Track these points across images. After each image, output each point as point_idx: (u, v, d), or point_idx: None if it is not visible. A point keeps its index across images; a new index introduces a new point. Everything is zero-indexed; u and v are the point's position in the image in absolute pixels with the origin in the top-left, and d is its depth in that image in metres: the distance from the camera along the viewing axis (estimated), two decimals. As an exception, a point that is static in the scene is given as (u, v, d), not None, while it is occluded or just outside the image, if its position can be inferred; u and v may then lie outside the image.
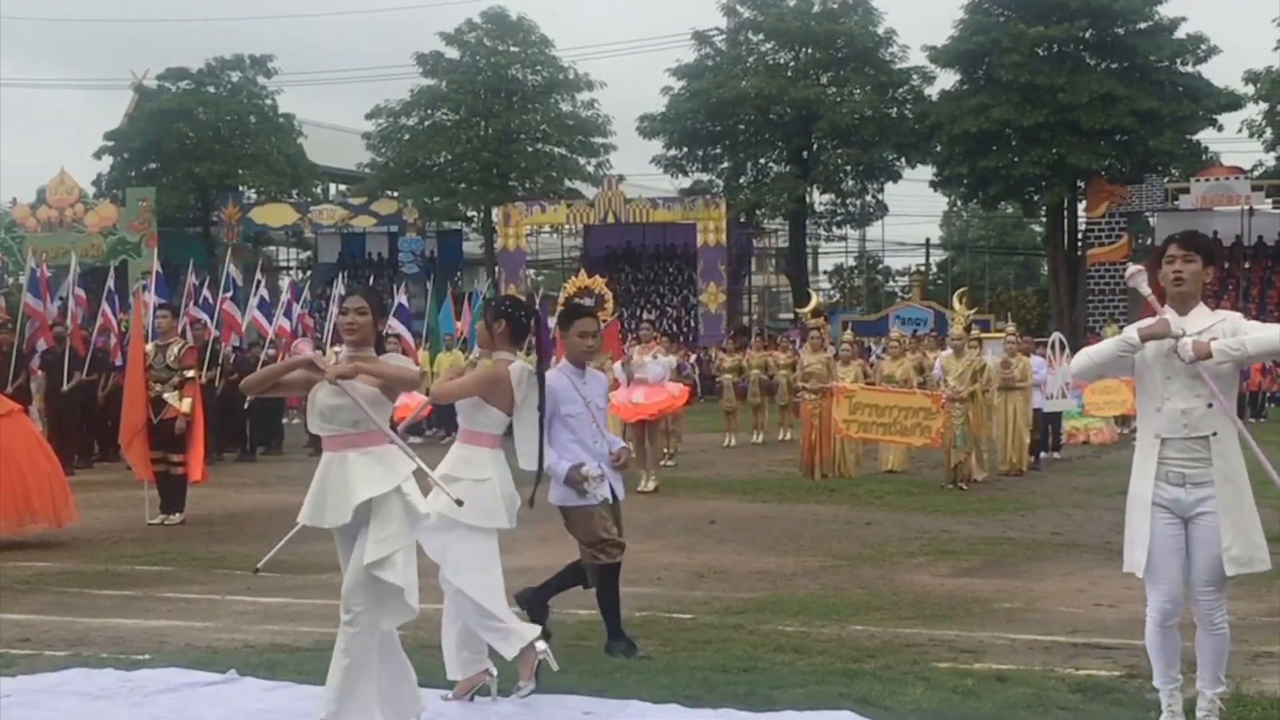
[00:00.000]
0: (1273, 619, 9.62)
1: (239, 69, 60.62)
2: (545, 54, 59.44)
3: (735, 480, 20.13)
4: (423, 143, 58.39)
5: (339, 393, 6.54)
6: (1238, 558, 6.49)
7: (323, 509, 6.60)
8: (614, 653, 8.43)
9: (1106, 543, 12.92)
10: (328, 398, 6.58)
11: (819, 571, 12.01)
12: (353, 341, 6.78)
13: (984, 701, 7.30)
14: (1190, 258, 6.55)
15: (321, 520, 6.61)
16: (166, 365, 15.73)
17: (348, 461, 6.55)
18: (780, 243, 68.36)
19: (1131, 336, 6.51)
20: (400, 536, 6.50)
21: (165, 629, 9.68)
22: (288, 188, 60.27)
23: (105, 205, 55.76)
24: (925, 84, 57.25)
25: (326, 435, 6.64)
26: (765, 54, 58.27)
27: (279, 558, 12.67)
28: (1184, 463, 6.47)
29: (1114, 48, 53.00)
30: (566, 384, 8.36)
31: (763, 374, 28.53)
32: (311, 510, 6.66)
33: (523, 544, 13.93)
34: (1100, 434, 26.98)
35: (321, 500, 6.61)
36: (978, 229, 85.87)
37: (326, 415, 6.59)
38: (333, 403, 6.56)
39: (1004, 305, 58.23)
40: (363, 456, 6.56)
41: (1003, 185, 53.90)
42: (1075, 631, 9.29)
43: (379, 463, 6.56)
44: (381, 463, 6.56)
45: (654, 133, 58.24)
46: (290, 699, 7.53)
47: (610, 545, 8.48)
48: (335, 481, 6.56)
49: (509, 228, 55.50)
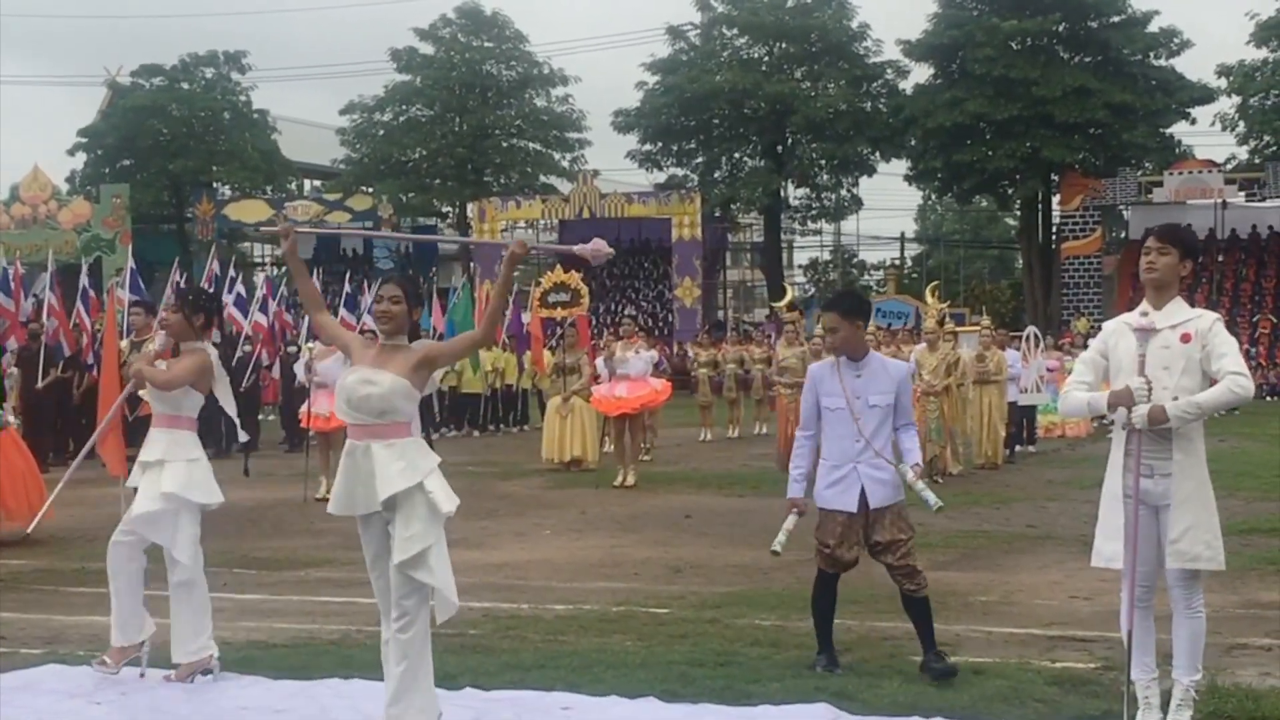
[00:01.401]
0: (1247, 611, 9.68)
1: (213, 65, 60.40)
2: (520, 49, 59.39)
3: (711, 474, 20.13)
4: (397, 138, 58.30)
5: (368, 381, 6.54)
6: (1183, 552, 6.51)
7: (352, 498, 6.59)
8: (815, 667, 8.00)
9: (1081, 535, 12.91)
10: (357, 385, 6.55)
11: (795, 565, 12.00)
12: (387, 330, 6.77)
13: (960, 694, 7.32)
14: (1165, 250, 6.59)
15: (352, 509, 6.61)
16: (141, 362, 15.67)
17: (372, 452, 6.52)
18: (755, 237, 68.41)
19: (1099, 404, 6.67)
20: (427, 534, 6.45)
21: (141, 626, 9.64)
22: (262, 184, 60.08)
23: (79, 202, 55.52)
24: (899, 78, 57.32)
25: (352, 423, 6.61)
26: (739, 49, 58.26)
27: (253, 554, 12.68)
28: (1150, 454, 6.52)
29: (1087, 41, 53.15)
30: (828, 375, 8.07)
31: (738, 368, 28.56)
32: (341, 500, 6.65)
33: (498, 539, 13.96)
34: (1075, 427, 27.05)
35: (350, 489, 6.59)
36: (952, 223, 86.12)
37: (354, 403, 6.55)
38: (361, 391, 6.53)
39: (979, 299, 58.33)
40: (386, 449, 6.52)
41: (977, 179, 54.06)
42: (1051, 624, 9.33)
43: (401, 456, 6.52)
44: (404, 456, 6.52)
45: (629, 128, 58.22)
46: (267, 695, 7.52)
47: (825, 554, 8.10)
48: (363, 474, 6.53)
49: (484, 223, 55.44)
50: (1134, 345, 6.51)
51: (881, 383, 7.93)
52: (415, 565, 6.41)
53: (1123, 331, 6.71)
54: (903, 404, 8.01)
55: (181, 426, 8.12)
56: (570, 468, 20.33)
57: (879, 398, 7.89)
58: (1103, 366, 6.80)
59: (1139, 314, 6.59)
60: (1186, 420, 6.40)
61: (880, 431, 7.89)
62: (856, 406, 7.87)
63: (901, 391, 8.00)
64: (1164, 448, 6.50)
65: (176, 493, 7.89)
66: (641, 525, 14.93)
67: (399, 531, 6.45)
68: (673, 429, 27.22)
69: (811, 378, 8.17)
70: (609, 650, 8.51)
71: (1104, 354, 6.78)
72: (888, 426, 7.93)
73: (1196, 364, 6.47)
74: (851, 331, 7.97)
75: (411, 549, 6.40)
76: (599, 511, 16.02)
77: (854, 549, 7.98)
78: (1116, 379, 6.65)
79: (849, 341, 7.97)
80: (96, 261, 47.49)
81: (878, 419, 7.89)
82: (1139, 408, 6.38)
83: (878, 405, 7.89)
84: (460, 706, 7.19)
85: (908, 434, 8.04)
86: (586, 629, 9.31)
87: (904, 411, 8.02)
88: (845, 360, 8.00)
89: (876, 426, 7.88)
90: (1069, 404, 6.90)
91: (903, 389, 8.03)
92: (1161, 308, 6.60)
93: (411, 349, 6.72)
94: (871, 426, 7.87)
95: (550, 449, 20.84)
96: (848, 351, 7.98)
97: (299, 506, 16.20)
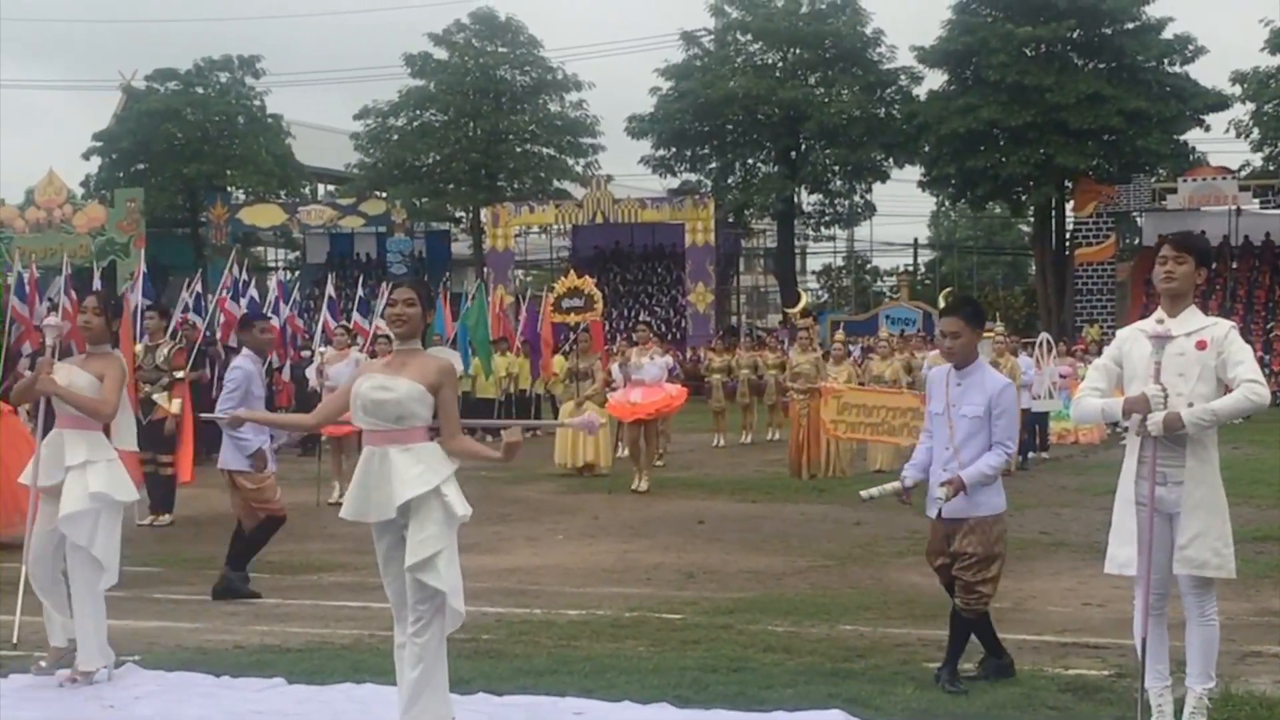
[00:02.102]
0: (1261, 619, 9.66)
1: (227, 70, 60.41)
2: (534, 54, 59.33)
3: (724, 480, 20.14)
4: (411, 143, 58.27)
5: (383, 387, 6.54)
6: (1191, 559, 6.50)
7: (366, 504, 6.58)
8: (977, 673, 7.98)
9: (1094, 542, 12.91)
10: (371, 391, 6.55)
11: (808, 571, 12.03)
12: (401, 334, 6.77)
13: (973, 701, 7.32)
14: (1182, 259, 6.58)
15: (365, 515, 6.59)
16: (156, 366, 15.73)
17: (389, 458, 6.52)
18: (768, 243, 68.33)
19: (1114, 410, 6.65)
20: (440, 538, 6.45)
21: (155, 630, 9.67)
22: (276, 188, 60.08)
23: (94, 206, 55.55)
24: (913, 84, 57.17)
25: (368, 429, 6.61)
26: (753, 54, 58.17)
27: (266, 558, 12.70)
28: (1164, 461, 6.51)
29: (1101, 48, 53.01)
30: (939, 381, 8.13)
31: (751, 374, 28.54)
32: (355, 505, 6.64)
33: (511, 544, 13.98)
34: (1088, 434, 27.01)
35: (365, 495, 6.58)
36: (965, 229, 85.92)
37: (370, 409, 6.55)
38: (376, 397, 6.53)
39: (991, 305, 58.17)
40: (404, 454, 6.52)
41: (990, 185, 53.90)
42: (1064, 631, 9.32)
43: (419, 461, 6.51)
44: (421, 461, 6.52)
45: (642, 133, 58.14)
46: (281, 699, 7.54)
47: (930, 561, 8.17)
48: (378, 477, 6.52)
49: (497, 228, 55.42)
50: (1148, 352, 6.51)
51: (975, 394, 7.86)
52: (425, 569, 6.41)
53: (1136, 338, 6.70)
54: (999, 422, 7.83)
55: (95, 428, 8.31)
56: (583, 473, 20.35)
57: (971, 408, 7.84)
58: (1116, 373, 6.79)
59: (1155, 321, 6.58)
60: (1202, 427, 6.39)
61: (971, 442, 7.80)
62: (953, 414, 7.87)
63: (996, 407, 7.83)
64: (1178, 455, 6.50)
65: (105, 492, 8.06)
66: (654, 530, 14.93)
67: (413, 535, 6.45)
68: (686, 434, 27.21)
69: (929, 381, 8.21)
70: (622, 656, 8.52)
71: (1118, 361, 6.77)
72: (980, 439, 7.81)
73: (1211, 371, 6.46)
74: (972, 338, 7.97)
75: (424, 552, 6.40)
76: (611, 516, 16.03)
77: (938, 558, 7.96)
78: (1130, 386, 6.64)
79: (969, 347, 7.96)
80: (111, 265, 47.60)
81: (968, 429, 7.82)
82: (1154, 414, 6.37)
83: (969, 415, 7.83)
84: (473, 712, 7.19)
85: (990, 453, 7.80)
86: (599, 634, 9.32)
87: (999, 430, 7.84)
88: (953, 369, 8.00)
89: (967, 437, 7.82)
90: (1082, 410, 6.89)
91: (998, 405, 7.84)
92: (1176, 315, 6.60)
93: (429, 363, 6.67)
94: (961, 436, 7.83)
95: (563, 454, 20.86)
96: (961, 358, 7.97)
97: (311, 511, 16.14)
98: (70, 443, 8.11)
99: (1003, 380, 8.04)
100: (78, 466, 8.04)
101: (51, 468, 8.11)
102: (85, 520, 7.99)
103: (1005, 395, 7.88)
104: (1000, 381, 8.00)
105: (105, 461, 8.16)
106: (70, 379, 8.15)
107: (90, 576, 8.02)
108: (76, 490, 7.99)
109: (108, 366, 8.29)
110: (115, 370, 8.28)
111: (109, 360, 8.34)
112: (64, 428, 8.26)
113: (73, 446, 8.09)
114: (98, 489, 8.02)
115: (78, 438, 8.16)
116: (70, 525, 7.97)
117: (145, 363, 15.76)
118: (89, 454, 8.10)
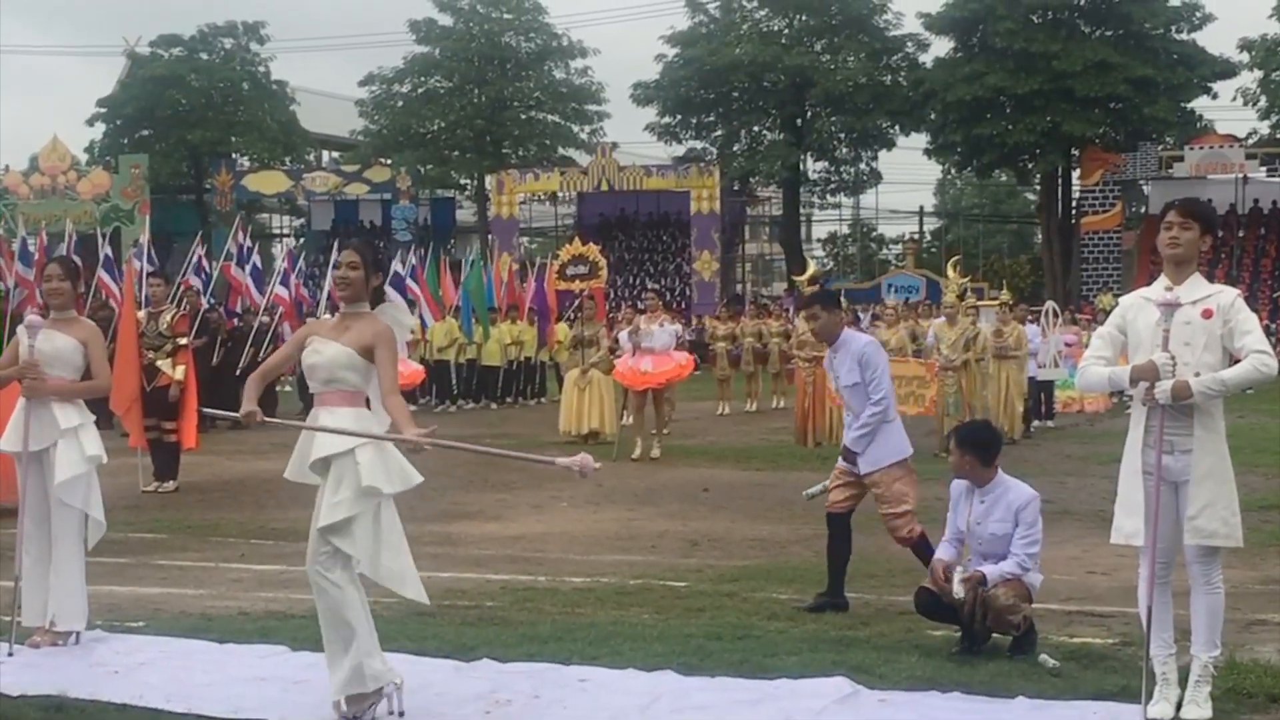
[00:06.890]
0: (1266, 587, 9.65)
1: (232, 35, 60.28)
2: (539, 21, 59.22)
3: (729, 448, 20.13)
4: (416, 110, 58.24)
5: (315, 351, 6.64)
6: (1201, 529, 6.47)
7: (301, 467, 6.71)
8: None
9: (1100, 511, 12.90)
10: (307, 355, 6.67)
11: (813, 539, 12.00)
12: (345, 297, 6.77)
13: (978, 669, 7.31)
14: (1188, 225, 6.53)
15: (303, 476, 6.72)
16: (159, 333, 15.71)
17: (319, 419, 6.63)
18: (774, 211, 68.26)
19: (1121, 379, 6.58)
20: (354, 504, 6.45)
21: (159, 596, 9.69)
22: (281, 155, 60.05)
23: (98, 172, 55.49)
24: (919, 51, 57.03)
25: (311, 391, 6.80)
26: (759, 21, 58.05)
27: (271, 525, 12.71)
28: (1171, 430, 6.47)
29: (1108, 15, 52.82)
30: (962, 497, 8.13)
31: (756, 342, 28.50)
32: (293, 466, 6.79)
33: (515, 512, 13.97)
34: (1094, 403, 26.97)
35: (301, 456, 6.71)
36: (971, 197, 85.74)
37: (306, 371, 6.72)
38: (308, 360, 6.66)
39: (997, 273, 58.13)
40: (329, 415, 6.61)
41: (997, 153, 53.79)
42: (1069, 599, 9.31)
43: (338, 424, 6.57)
44: (341, 424, 6.56)
45: (647, 100, 58.05)
46: (285, 665, 7.54)
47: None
48: (306, 437, 6.67)
49: (502, 195, 55.41)
50: (1154, 320, 6.46)
51: (999, 511, 7.85)
52: (337, 531, 6.43)
53: (1141, 306, 6.65)
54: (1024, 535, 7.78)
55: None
56: (588, 440, 20.33)
57: (998, 525, 7.83)
58: (1120, 341, 6.75)
59: (1162, 288, 6.53)
60: (1210, 396, 6.35)
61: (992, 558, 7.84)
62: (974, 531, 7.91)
63: (1022, 523, 7.78)
64: (1185, 424, 6.46)
65: (96, 454, 8.20)
66: (659, 498, 14.93)
67: (327, 497, 6.50)
68: (690, 403, 27.17)
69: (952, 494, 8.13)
70: (626, 623, 8.52)
71: (1121, 329, 6.72)
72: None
73: (1218, 340, 6.42)
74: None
75: (336, 515, 6.42)
76: (616, 484, 16.01)
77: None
78: (1136, 354, 6.59)
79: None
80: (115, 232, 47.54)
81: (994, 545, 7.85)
82: (1163, 383, 6.33)
83: (996, 534, 7.83)
84: (477, 678, 7.20)
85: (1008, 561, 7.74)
86: (604, 601, 9.32)
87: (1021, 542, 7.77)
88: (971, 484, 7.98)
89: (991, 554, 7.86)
90: (1088, 379, 6.85)
91: (1025, 520, 7.78)
92: (1181, 282, 6.55)
93: (367, 327, 6.64)
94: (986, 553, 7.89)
95: (568, 421, 20.85)
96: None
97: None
98: (59, 407, 8.15)
99: (1028, 493, 7.91)
100: (70, 430, 8.10)
101: (42, 432, 8.11)
102: (79, 484, 8.09)
103: (1028, 506, 7.84)
104: (1025, 492, 7.91)
105: (90, 424, 8.28)
106: (53, 344, 8.16)
107: (77, 536, 8.15)
108: (73, 454, 8.06)
109: (88, 335, 8.38)
110: (96, 339, 8.41)
111: (83, 326, 8.45)
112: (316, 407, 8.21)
113: (63, 411, 8.13)
114: (92, 451, 8.15)
115: (65, 402, 8.23)
116: (67, 490, 8.02)
117: (148, 329, 15.73)
118: (80, 417, 8.22)
